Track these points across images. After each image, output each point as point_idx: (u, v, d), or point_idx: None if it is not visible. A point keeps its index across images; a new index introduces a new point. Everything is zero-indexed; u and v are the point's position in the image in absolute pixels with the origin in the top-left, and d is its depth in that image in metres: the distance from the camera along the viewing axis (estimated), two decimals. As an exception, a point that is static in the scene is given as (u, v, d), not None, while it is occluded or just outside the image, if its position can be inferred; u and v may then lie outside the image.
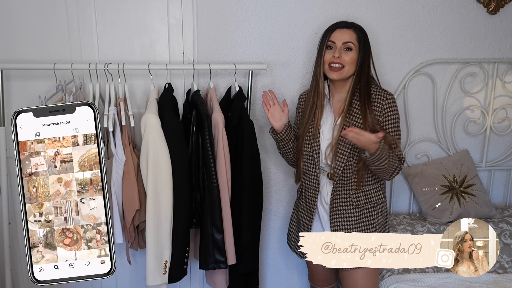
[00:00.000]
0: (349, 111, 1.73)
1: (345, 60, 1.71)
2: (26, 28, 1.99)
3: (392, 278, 1.98)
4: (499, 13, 2.23)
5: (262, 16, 2.11)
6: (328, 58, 1.74)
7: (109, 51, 2.06)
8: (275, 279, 2.48)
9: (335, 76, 1.73)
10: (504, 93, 2.35)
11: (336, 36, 1.74)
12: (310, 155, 1.81)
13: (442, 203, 2.24)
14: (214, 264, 1.87)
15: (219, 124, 1.83)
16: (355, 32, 1.74)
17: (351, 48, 1.72)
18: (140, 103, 2.11)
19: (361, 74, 1.73)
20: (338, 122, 1.75)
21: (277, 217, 2.38)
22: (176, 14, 2.06)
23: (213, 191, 1.83)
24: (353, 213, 1.77)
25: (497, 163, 2.43)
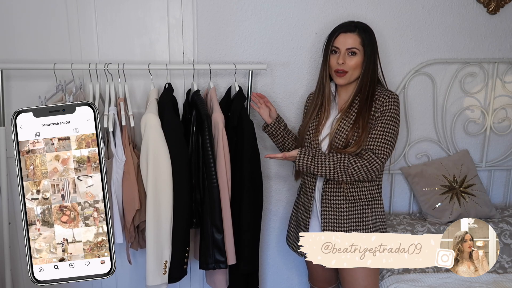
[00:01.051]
0: (349, 109, 1.75)
1: (349, 65, 1.71)
2: (26, 28, 1.99)
3: (392, 278, 1.98)
4: (499, 13, 2.23)
5: (262, 16, 2.11)
6: (333, 63, 1.75)
7: (109, 51, 2.06)
8: (275, 279, 2.48)
9: (341, 81, 1.75)
10: (504, 93, 2.35)
11: (340, 41, 1.73)
12: None
13: (442, 203, 2.24)
14: (214, 264, 1.87)
15: (219, 124, 1.83)
16: (359, 36, 1.72)
17: (355, 53, 1.72)
18: (140, 103, 2.11)
19: (365, 76, 1.73)
20: (337, 117, 1.77)
21: (277, 217, 2.38)
22: (176, 14, 2.06)
23: (213, 191, 1.83)
24: (346, 209, 1.75)
25: (497, 163, 2.43)
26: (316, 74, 2.17)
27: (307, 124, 1.84)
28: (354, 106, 1.74)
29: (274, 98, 2.20)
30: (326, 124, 1.80)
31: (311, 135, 1.81)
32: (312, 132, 1.81)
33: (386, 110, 1.70)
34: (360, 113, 1.71)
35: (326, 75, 1.78)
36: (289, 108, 2.22)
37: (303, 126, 1.87)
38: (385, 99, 1.71)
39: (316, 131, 1.80)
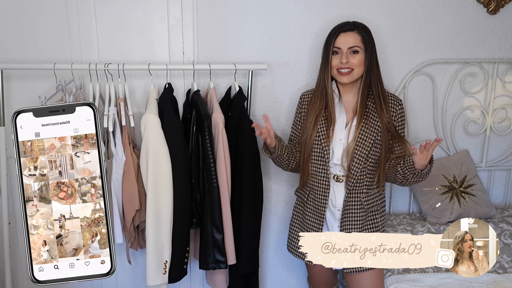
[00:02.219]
0: (365, 113, 1.73)
1: (353, 63, 1.70)
2: (26, 28, 1.99)
3: (392, 278, 1.98)
4: (499, 13, 2.23)
5: (262, 16, 2.11)
6: (335, 63, 1.73)
7: (109, 51, 2.06)
8: (275, 279, 2.48)
9: (346, 80, 1.72)
10: (504, 93, 2.35)
11: (341, 41, 1.72)
12: (320, 156, 1.77)
13: (442, 203, 2.24)
14: (214, 264, 1.87)
15: (219, 124, 1.83)
16: (359, 34, 1.72)
17: (357, 51, 1.71)
18: (140, 103, 2.11)
19: (370, 74, 1.72)
20: (354, 123, 1.74)
21: (277, 217, 2.38)
22: (176, 14, 2.06)
23: (213, 191, 1.83)
24: (361, 216, 1.78)
25: (497, 163, 2.43)
26: (316, 74, 2.16)
27: (312, 129, 1.77)
28: (369, 111, 1.74)
29: (274, 98, 2.20)
30: (335, 128, 1.77)
31: (322, 141, 1.75)
32: (323, 138, 1.75)
33: (401, 119, 1.78)
34: (382, 118, 1.71)
35: (328, 76, 1.75)
36: (289, 108, 2.21)
37: (307, 131, 1.78)
38: (397, 106, 1.77)
39: (326, 137, 1.75)
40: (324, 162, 1.76)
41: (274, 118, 2.22)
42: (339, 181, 1.77)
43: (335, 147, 1.76)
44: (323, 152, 1.76)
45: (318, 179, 1.79)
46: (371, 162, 1.74)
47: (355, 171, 1.73)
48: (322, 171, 1.78)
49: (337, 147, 1.76)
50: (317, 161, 1.78)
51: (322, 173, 1.77)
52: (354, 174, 1.73)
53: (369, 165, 1.74)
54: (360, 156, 1.72)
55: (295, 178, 2.20)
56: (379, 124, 1.72)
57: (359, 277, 1.79)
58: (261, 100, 2.20)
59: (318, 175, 1.79)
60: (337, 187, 1.78)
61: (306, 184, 1.85)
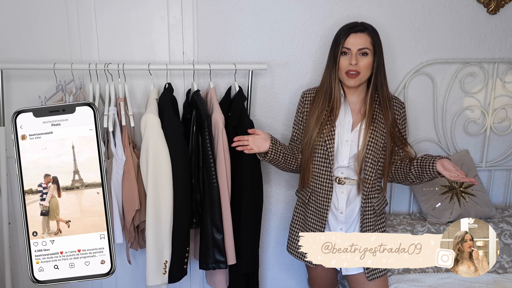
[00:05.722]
0: (373, 116, 1.72)
1: (361, 66, 1.67)
2: (26, 28, 1.99)
3: (392, 278, 1.98)
4: (499, 13, 2.23)
5: (262, 16, 2.11)
6: (344, 65, 1.68)
7: (109, 51, 2.06)
8: (275, 279, 2.48)
9: (353, 83, 1.69)
10: (504, 93, 2.35)
11: (351, 42, 1.68)
12: (324, 157, 1.74)
13: (442, 203, 2.24)
14: (214, 264, 1.87)
15: (219, 124, 1.83)
16: (370, 36, 1.69)
17: (366, 53, 1.68)
18: (140, 103, 2.11)
19: (377, 77, 1.71)
20: (363, 126, 1.73)
21: (277, 217, 2.38)
22: (176, 14, 2.06)
23: (213, 191, 1.83)
24: (373, 221, 1.79)
25: (497, 163, 2.43)
26: (316, 74, 2.17)
27: (315, 129, 1.73)
28: (376, 114, 1.73)
29: (274, 98, 2.20)
30: (341, 129, 1.75)
31: (328, 143, 1.73)
32: (328, 139, 1.72)
33: (403, 122, 1.79)
34: (387, 121, 1.72)
35: (335, 77, 1.71)
36: (289, 108, 2.21)
37: (309, 130, 1.75)
38: (400, 109, 1.78)
39: (331, 137, 1.73)
40: (328, 163, 1.74)
41: (274, 118, 2.22)
42: (341, 183, 1.76)
43: (341, 148, 1.74)
44: (327, 153, 1.73)
45: (321, 180, 1.76)
46: (380, 166, 1.74)
47: (369, 175, 1.72)
48: (325, 172, 1.75)
49: (343, 148, 1.74)
50: (320, 162, 1.75)
51: (325, 174, 1.75)
52: (368, 179, 1.72)
53: (379, 169, 1.74)
54: (373, 160, 1.71)
55: (295, 178, 2.20)
56: (385, 127, 1.72)
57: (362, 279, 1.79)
58: (261, 100, 2.20)
59: (321, 176, 1.76)
60: (339, 189, 1.77)
61: (307, 185, 1.82)
